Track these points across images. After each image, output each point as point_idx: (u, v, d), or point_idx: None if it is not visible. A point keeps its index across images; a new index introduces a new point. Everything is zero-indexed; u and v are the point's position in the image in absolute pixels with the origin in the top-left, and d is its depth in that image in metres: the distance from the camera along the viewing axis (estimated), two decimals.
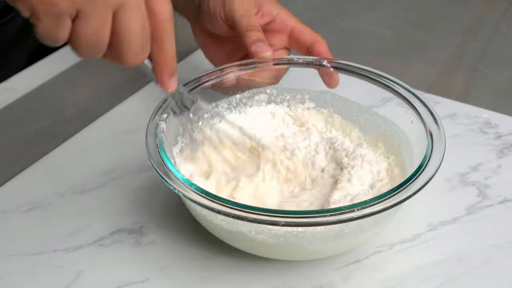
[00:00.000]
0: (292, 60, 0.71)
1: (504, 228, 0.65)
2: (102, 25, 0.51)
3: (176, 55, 0.57)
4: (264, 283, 0.60)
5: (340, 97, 0.71)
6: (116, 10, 0.51)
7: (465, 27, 1.01)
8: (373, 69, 0.69)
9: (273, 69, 0.71)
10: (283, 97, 0.72)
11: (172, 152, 0.64)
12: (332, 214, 0.53)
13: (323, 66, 0.70)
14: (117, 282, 0.60)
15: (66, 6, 0.48)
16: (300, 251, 0.59)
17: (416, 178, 0.56)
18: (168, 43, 0.56)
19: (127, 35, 0.52)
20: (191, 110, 0.64)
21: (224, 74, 0.69)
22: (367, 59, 0.73)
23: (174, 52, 0.56)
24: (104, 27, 0.51)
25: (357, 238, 0.59)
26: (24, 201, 0.68)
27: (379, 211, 0.54)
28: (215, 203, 0.55)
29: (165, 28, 0.55)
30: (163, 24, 0.54)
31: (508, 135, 0.76)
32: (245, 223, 0.56)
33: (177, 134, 0.66)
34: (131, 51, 0.53)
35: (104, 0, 0.50)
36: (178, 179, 0.57)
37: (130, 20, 0.52)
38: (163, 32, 0.55)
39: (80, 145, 0.76)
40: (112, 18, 0.51)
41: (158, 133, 0.61)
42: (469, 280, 0.60)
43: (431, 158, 0.58)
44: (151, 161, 0.59)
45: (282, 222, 0.53)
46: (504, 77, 0.89)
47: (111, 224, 0.65)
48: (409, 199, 0.55)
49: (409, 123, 0.65)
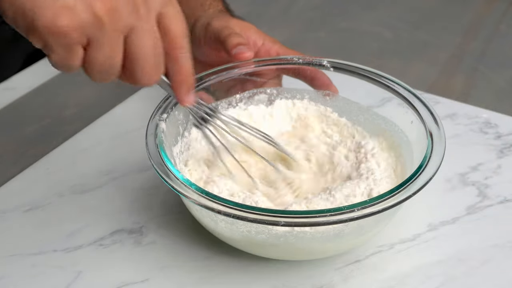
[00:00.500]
0: (292, 60, 0.71)
1: (504, 228, 0.65)
2: (114, 50, 0.51)
3: (193, 71, 0.56)
4: (264, 283, 0.60)
5: (341, 97, 0.71)
6: (127, 35, 0.51)
7: (465, 27, 1.01)
8: (373, 69, 0.69)
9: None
10: (283, 97, 0.72)
11: (172, 152, 0.64)
12: (332, 214, 0.53)
13: (323, 66, 0.70)
14: (117, 282, 0.60)
15: (76, 36, 0.49)
16: (300, 251, 0.59)
17: (416, 178, 0.56)
18: (184, 59, 0.55)
19: (140, 57, 0.52)
20: (210, 121, 0.63)
21: (226, 73, 0.70)
22: (367, 59, 0.73)
23: (190, 68, 0.56)
24: (116, 52, 0.51)
25: (357, 238, 0.59)
26: (24, 201, 0.68)
27: (379, 211, 0.54)
28: (215, 203, 0.55)
29: (180, 45, 0.54)
30: (177, 41, 0.54)
31: (508, 135, 0.76)
32: (245, 223, 0.56)
33: (177, 134, 0.66)
34: (144, 72, 0.53)
35: (114, 26, 0.50)
36: (178, 179, 0.57)
37: (142, 42, 0.52)
38: (178, 49, 0.54)
39: (80, 145, 0.76)
40: (124, 42, 0.51)
41: (158, 133, 0.61)
42: (469, 280, 0.60)
43: (431, 158, 0.58)
44: (151, 161, 0.59)
45: (282, 222, 0.53)
46: (504, 77, 0.89)
47: (111, 224, 0.65)
48: (409, 199, 0.55)
49: (409, 123, 0.65)
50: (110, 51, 0.51)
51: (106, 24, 0.49)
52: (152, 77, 0.54)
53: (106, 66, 0.51)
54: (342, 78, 0.70)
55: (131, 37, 0.51)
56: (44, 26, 0.48)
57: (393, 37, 0.99)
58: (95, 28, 0.49)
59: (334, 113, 0.71)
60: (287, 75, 0.73)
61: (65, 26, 0.48)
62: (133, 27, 0.51)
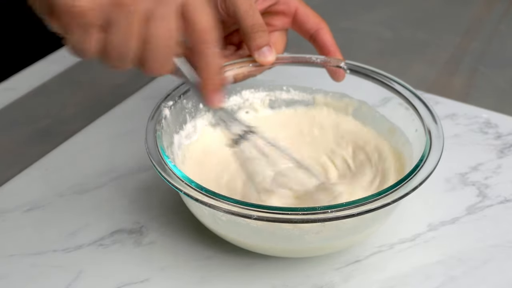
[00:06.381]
0: (287, 58, 0.71)
1: (504, 228, 0.65)
2: (130, 34, 0.50)
3: (221, 69, 0.54)
4: (265, 283, 0.60)
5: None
6: (144, 19, 0.50)
7: (465, 27, 1.01)
8: (373, 68, 0.69)
9: None
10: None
11: (172, 139, 0.64)
12: (333, 211, 0.53)
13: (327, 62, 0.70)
14: (117, 282, 0.60)
15: (94, 17, 0.49)
16: (299, 248, 0.59)
17: (413, 176, 0.56)
18: (210, 55, 0.53)
19: (153, 46, 0.51)
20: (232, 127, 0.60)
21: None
22: (367, 59, 0.72)
23: (217, 64, 0.54)
24: (132, 36, 0.50)
25: (356, 236, 0.59)
26: (24, 201, 0.68)
27: (376, 208, 0.54)
28: (215, 200, 0.55)
29: (205, 39, 0.53)
30: (202, 34, 0.53)
31: (508, 135, 0.76)
32: (245, 220, 0.55)
33: (183, 122, 0.67)
34: (156, 60, 0.52)
35: (132, 8, 0.49)
36: (177, 176, 0.57)
37: (157, 30, 0.51)
38: (203, 43, 0.53)
39: (80, 145, 0.76)
40: (140, 27, 0.51)
41: (158, 131, 0.61)
42: (469, 280, 0.60)
43: (429, 156, 0.58)
44: (150, 159, 0.58)
45: (298, 219, 0.53)
46: (504, 77, 0.89)
47: (111, 224, 0.65)
48: (407, 196, 0.55)
49: (409, 122, 0.65)
50: (126, 35, 0.50)
51: (124, 6, 0.49)
52: (163, 67, 0.53)
53: (121, 50, 0.51)
54: None
55: (148, 23, 0.50)
56: (63, 5, 0.48)
57: (393, 37, 0.99)
58: (113, 9, 0.49)
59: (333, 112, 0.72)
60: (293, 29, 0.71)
61: (83, 5, 0.48)
62: (152, 12, 0.50)
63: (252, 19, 0.66)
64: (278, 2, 0.70)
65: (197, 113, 0.69)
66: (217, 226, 0.59)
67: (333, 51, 0.69)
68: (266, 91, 0.73)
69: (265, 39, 0.66)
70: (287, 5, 0.69)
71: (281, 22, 0.70)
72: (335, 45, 0.69)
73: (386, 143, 0.68)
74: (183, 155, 0.66)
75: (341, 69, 0.69)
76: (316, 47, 0.70)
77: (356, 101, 0.71)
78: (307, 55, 0.70)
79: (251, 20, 0.66)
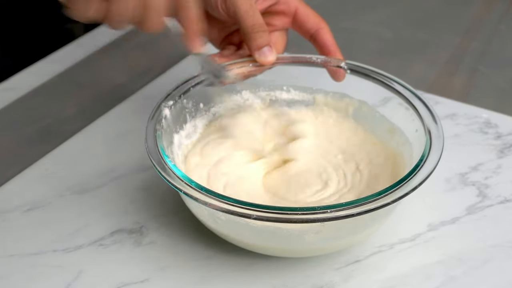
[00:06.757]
0: (288, 58, 0.71)
1: (504, 228, 0.65)
2: (129, 3, 0.57)
3: (200, 17, 0.62)
4: (265, 283, 0.60)
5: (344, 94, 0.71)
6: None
7: (465, 27, 1.01)
8: (374, 68, 0.69)
9: None
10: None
11: (172, 139, 0.65)
12: (332, 211, 0.53)
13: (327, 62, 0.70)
14: (117, 282, 0.60)
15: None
16: (299, 248, 0.59)
17: (413, 176, 0.56)
18: (189, 7, 0.61)
19: (148, 10, 0.58)
20: (220, 79, 0.67)
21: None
22: (367, 59, 0.72)
23: (197, 13, 0.61)
24: (130, 4, 0.57)
25: (355, 236, 0.59)
26: (24, 201, 0.68)
27: (376, 208, 0.54)
28: (215, 200, 0.55)
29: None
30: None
31: (508, 135, 0.76)
32: (245, 220, 0.55)
33: (183, 121, 0.68)
34: (151, 21, 0.59)
35: None
36: (177, 176, 0.57)
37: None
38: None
39: (80, 145, 0.76)
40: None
41: (158, 131, 0.61)
42: (469, 280, 0.60)
43: (429, 156, 0.58)
44: (150, 159, 0.58)
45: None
46: (504, 77, 0.89)
47: (111, 224, 0.65)
48: (407, 196, 0.55)
49: (409, 122, 0.65)
50: (125, 4, 0.57)
51: None
52: (157, 26, 0.60)
53: (120, 16, 0.58)
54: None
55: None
56: None
57: (393, 37, 0.99)
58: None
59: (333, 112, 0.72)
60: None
61: None
62: None
63: (253, 19, 0.66)
64: (278, 2, 0.70)
65: (197, 113, 0.70)
66: (217, 226, 0.59)
67: (333, 51, 0.69)
68: (266, 91, 0.73)
69: (265, 39, 0.67)
70: (287, 5, 0.70)
71: (281, 22, 0.70)
72: (335, 45, 0.69)
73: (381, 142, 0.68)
74: (183, 155, 0.66)
75: (342, 69, 0.69)
76: (316, 47, 0.70)
77: (356, 101, 0.71)
78: (307, 55, 0.70)
79: (251, 20, 0.66)
